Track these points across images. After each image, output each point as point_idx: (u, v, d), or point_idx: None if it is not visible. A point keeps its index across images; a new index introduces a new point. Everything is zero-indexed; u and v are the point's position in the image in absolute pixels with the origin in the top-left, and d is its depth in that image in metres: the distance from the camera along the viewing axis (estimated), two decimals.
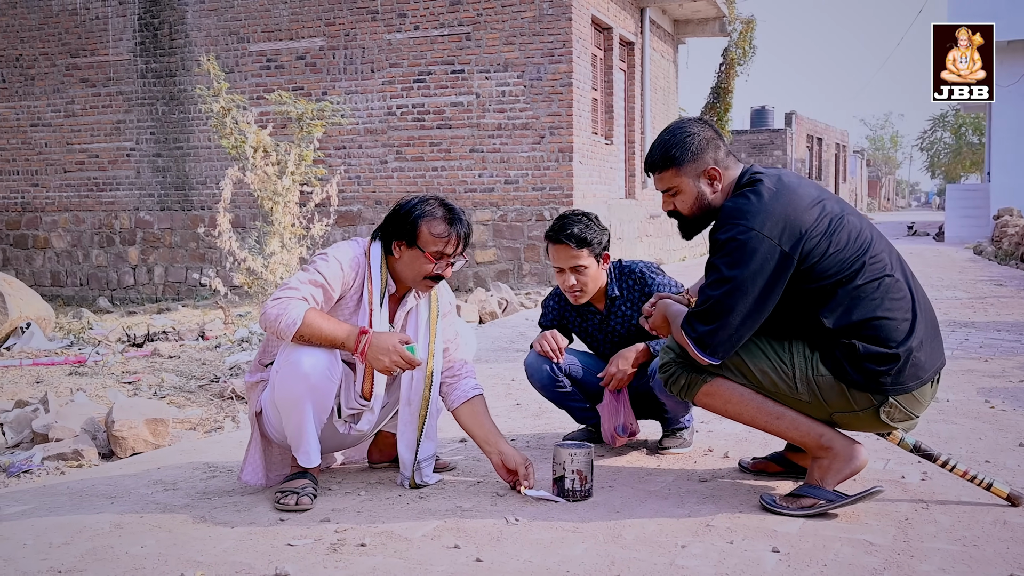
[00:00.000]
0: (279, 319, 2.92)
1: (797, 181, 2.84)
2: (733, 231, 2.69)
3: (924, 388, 2.75)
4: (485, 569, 2.44)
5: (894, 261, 2.80)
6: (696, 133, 2.88)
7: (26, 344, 8.28)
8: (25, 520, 2.99)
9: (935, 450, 2.92)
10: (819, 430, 2.81)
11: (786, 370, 2.78)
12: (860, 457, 2.80)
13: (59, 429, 4.95)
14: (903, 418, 2.77)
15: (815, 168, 36.51)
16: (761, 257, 2.65)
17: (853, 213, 2.85)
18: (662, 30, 17.61)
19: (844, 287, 2.70)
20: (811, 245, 2.69)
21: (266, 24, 13.90)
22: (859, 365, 2.69)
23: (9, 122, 15.49)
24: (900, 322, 2.70)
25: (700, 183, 2.87)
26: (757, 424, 2.87)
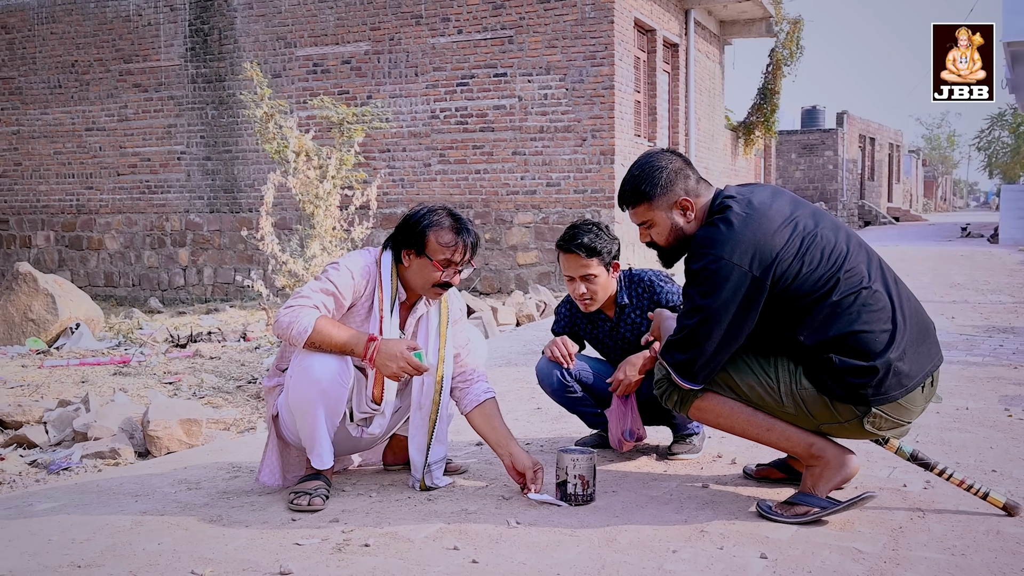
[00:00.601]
0: (291, 327, 3.04)
1: (770, 200, 2.87)
2: (704, 261, 2.76)
3: (912, 395, 2.77)
4: (479, 570, 2.53)
5: (873, 271, 2.83)
6: (664, 166, 2.94)
7: (75, 344, 8.53)
8: (54, 516, 3.14)
9: (932, 459, 2.95)
10: (809, 439, 2.87)
11: (772, 384, 2.84)
12: (851, 465, 2.85)
13: (98, 428, 5.14)
14: (891, 426, 2.81)
15: (867, 168, 36.08)
16: (732, 285, 2.72)
17: (829, 226, 2.88)
18: (707, 31, 17.57)
19: (819, 304, 2.75)
20: (783, 268, 2.74)
21: (313, 29, 14.12)
22: (839, 379, 2.73)
23: (65, 126, 15.90)
24: (878, 334, 2.73)
25: (673, 214, 2.94)
26: (749, 436, 2.93)
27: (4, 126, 16.39)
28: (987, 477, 3.32)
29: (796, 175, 32.51)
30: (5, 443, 5.29)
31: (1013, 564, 2.48)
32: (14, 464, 4.89)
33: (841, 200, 32.14)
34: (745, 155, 20.28)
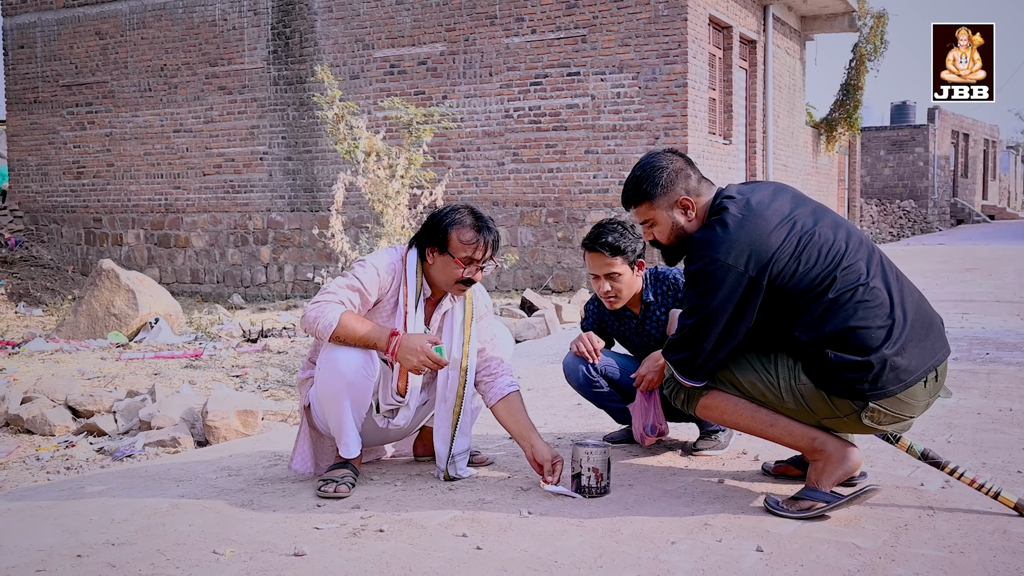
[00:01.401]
0: (317, 321, 3.18)
1: (769, 199, 2.91)
2: (701, 263, 2.82)
3: (912, 390, 2.79)
4: (481, 556, 2.63)
5: (873, 268, 2.85)
6: (665, 166, 3.00)
7: (154, 338, 8.87)
8: (99, 499, 3.34)
9: (943, 458, 2.96)
10: (811, 434, 2.91)
11: (772, 380, 2.89)
12: (853, 458, 2.88)
13: (161, 418, 5.38)
14: (891, 421, 2.83)
15: (960, 165, 35.12)
16: (729, 286, 2.77)
17: (829, 224, 2.90)
18: (787, 27, 17.36)
19: (816, 302, 2.78)
20: (779, 267, 2.78)
21: (390, 31, 14.38)
22: (835, 374, 2.77)
23: (154, 128, 16.47)
24: (875, 330, 2.75)
25: (674, 213, 3.00)
26: (753, 431, 2.98)
27: (98, 128, 17.04)
28: (1011, 478, 3.29)
29: (885, 172, 31.84)
30: (77, 431, 5.57)
31: (1010, 563, 2.48)
32: (83, 451, 5.16)
33: (932, 198, 31.38)
34: (827, 152, 19.96)
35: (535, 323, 8.44)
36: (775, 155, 16.37)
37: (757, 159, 15.74)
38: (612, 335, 3.93)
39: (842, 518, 2.86)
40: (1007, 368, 5.60)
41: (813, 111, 20.09)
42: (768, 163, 16.01)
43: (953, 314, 8.48)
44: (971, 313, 8.55)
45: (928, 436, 3.93)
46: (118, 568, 2.60)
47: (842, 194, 22.67)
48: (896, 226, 27.76)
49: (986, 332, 7.27)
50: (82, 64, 17.12)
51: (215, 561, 2.64)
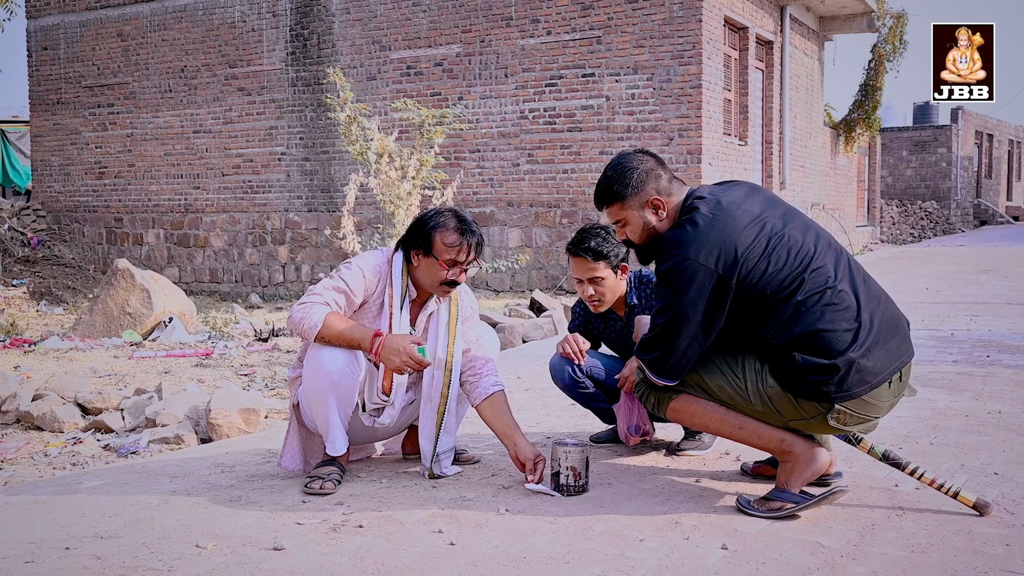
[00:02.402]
0: (303, 322, 3.27)
1: (740, 200, 2.95)
2: (671, 262, 2.86)
3: (878, 391, 2.84)
4: (453, 551, 2.70)
5: (840, 271, 2.89)
6: (635, 167, 3.04)
7: (168, 337, 9.00)
8: (93, 494, 3.43)
9: (904, 459, 3.00)
10: (779, 436, 2.96)
11: (739, 383, 2.93)
12: (821, 458, 2.93)
13: (166, 416, 5.48)
14: (856, 422, 2.88)
15: (984, 166, 34.83)
16: (698, 284, 2.81)
17: (798, 227, 2.95)
18: (805, 27, 17.32)
19: (785, 303, 2.82)
20: (748, 267, 2.82)
21: (406, 33, 14.48)
22: (801, 376, 2.81)
23: (174, 129, 16.66)
24: (842, 332, 2.80)
25: (645, 213, 3.05)
26: (723, 434, 3.04)
27: (119, 129, 17.25)
28: (987, 480, 3.33)
29: (907, 173, 31.66)
30: (85, 428, 5.69)
31: (969, 563, 2.53)
32: (89, 447, 5.27)
33: (955, 199, 31.16)
34: (846, 153, 19.90)
35: (543, 323, 8.51)
36: (792, 156, 16.35)
37: (773, 160, 15.73)
38: (598, 337, 3.99)
39: (812, 517, 2.91)
40: (1005, 371, 5.61)
41: (832, 112, 20.03)
42: (785, 164, 15.99)
43: (963, 316, 8.48)
44: (981, 315, 8.54)
45: (912, 438, 3.97)
46: (103, 560, 2.69)
47: (861, 195, 22.59)
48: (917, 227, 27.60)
49: (992, 334, 7.27)
50: (104, 65, 17.34)
51: (197, 554, 2.73)
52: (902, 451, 3.71)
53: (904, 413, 4.45)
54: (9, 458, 5.07)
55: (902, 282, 12.31)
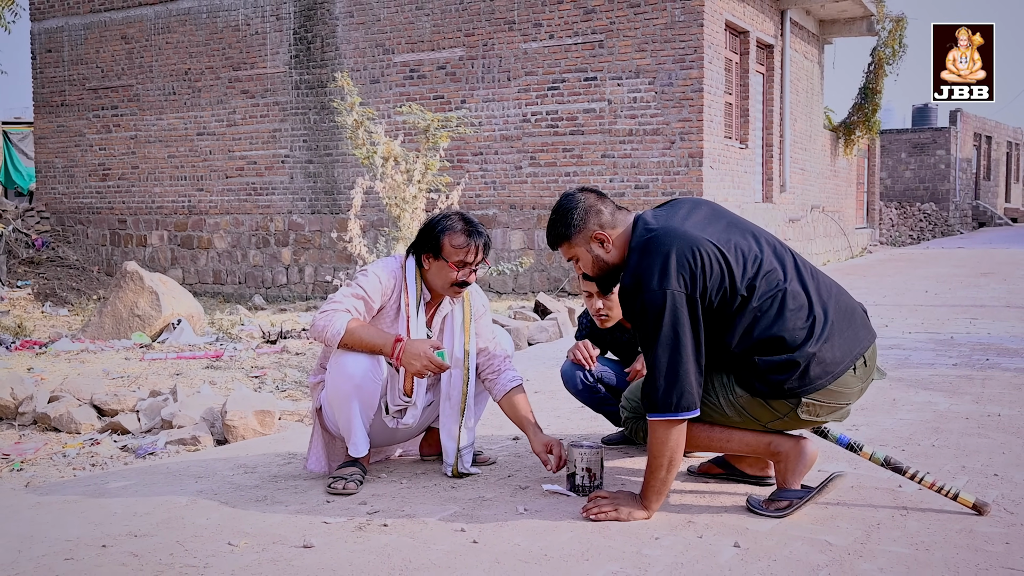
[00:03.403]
0: (326, 329, 3.38)
1: (685, 217, 3.06)
2: (639, 297, 2.93)
3: (843, 379, 2.97)
4: (476, 549, 2.82)
5: (788, 271, 3.02)
6: (575, 207, 3.16)
7: (176, 339, 9.10)
8: (122, 494, 3.55)
9: (904, 464, 3.12)
10: (765, 440, 3.11)
11: (712, 400, 3.06)
12: (809, 451, 3.08)
13: (182, 417, 5.59)
14: (828, 411, 3.01)
15: (983, 168, 35.00)
16: (672, 309, 2.88)
17: (743, 233, 3.07)
18: (805, 31, 17.45)
19: (742, 312, 2.94)
20: (705, 281, 2.91)
21: (410, 36, 14.59)
22: (763, 378, 2.95)
23: (178, 131, 16.77)
24: (798, 330, 2.93)
25: (592, 247, 3.17)
26: (713, 449, 3.19)
27: (123, 131, 17.36)
28: (988, 481, 3.44)
29: (906, 175, 31.81)
30: (101, 429, 5.79)
31: (971, 560, 2.64)
32: (107, 448, 5.37)
33: (954, 200, 31.32)
34: (846, 155, 20.03)
35: (548, 326, 8.62)
36: (792, 159, 16.48)
37: (774, 163, 15.86)
38: (606, 343, 4.10)
39: (819, 517, 3.03)
40: (1004, 374, 5.73)
41: (832, 114, 20.16)
42: (785, 167, 16.12)
43: (962, 319, 8.59)
44: (980, 319, 8.65)
45: (914, 440, 4.09)
46: (140, 557, 2.80)
47: (861, 197, 22.72)
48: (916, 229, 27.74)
49: (991, 338, 7.38)
50: (108, 68, 17.45)
51: (230, 552, 2.84)
52: (904, 453, 3.83)
53: (906, 416, 4.57)
54: (29, 459, 5.18)
55: (901, 285, 12.44)
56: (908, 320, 8.55)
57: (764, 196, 15.85)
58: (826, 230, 18.48)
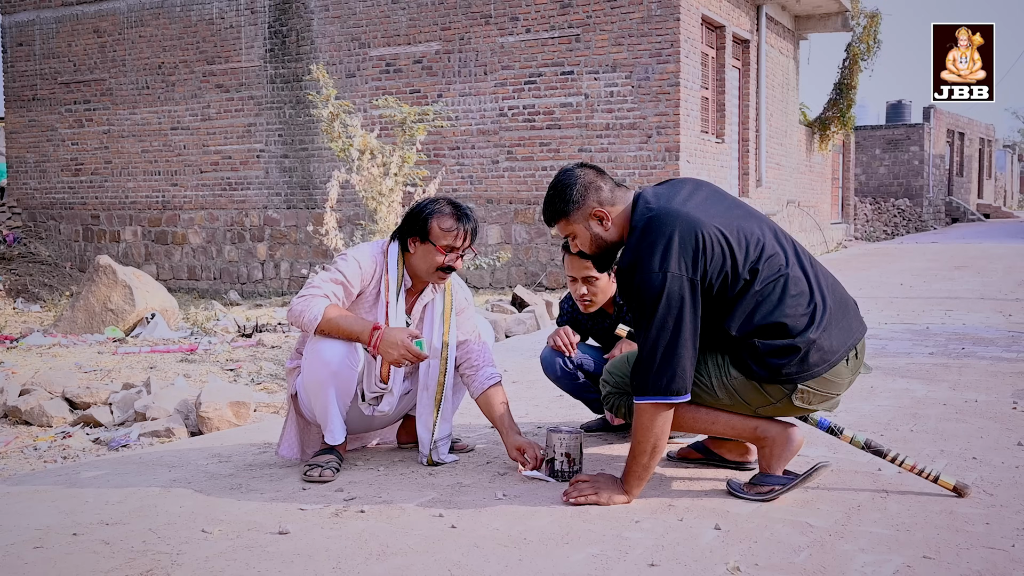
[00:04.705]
0: (303, 315, 3.33)
1: (687, 198, 3.00)
2: (637, 277, 2.86)
3: (837, 368, 2.94)
4: (455, 534, 2.78)
5: (790, 256, 2.98)
6: (573, 183, 3.07)
7: (151, 333, 9.02)
8: (94, 483, 3.49)
9: (885, 447, 3.11)
10: (752, 424, 3.06)
11: (704, 381, 3.00)
12: (796, 438, 3.05)
13: (155, 409, 5.53)
14: (820, 400, 2.98)
15: (956, 164, 35.27)
16: (670, 292, 2.83)
17: (745, 216, 3.02)
18: (781, 26, 17.50)
19: (744, 295, 2.90)
20: (706, 264, 2.86)
21: (386, 30, 14.52)
22: (762, 361, 2.90)
23: (152, 125, 16.62)
24: (799, 317, 2.89)
25: (591, 225, 3.09)
26: (697, 430, 3.13)
27: (95, 126, 17.19)
28: (966, 464, 3.44)
29: (880, 171, 32.00)
30: (73, 422, 5.72)
31: (951, 540, 2.63)
32: (79, 441, 5.30)
33: (927, 196, 31.54)
34: (821, 151, 20.11)
35: (525, 319, 8.60)
36: (768, 154, 16.53)
37: (750, 158, 15.90)
38: (586, 331, 4.07)
39: (800, 499, 3.01)
40: (980, 362, 5.75)
41: (807, 110, 20.23)
42: (761, 162, 16.16)
43: (937, 311, 8.63)
44: (955, 310, 8.70)
45: (893, 425, 4.09)
46: (112, 545, 2.75)
47: (836, 193, 22.83)
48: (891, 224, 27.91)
49: (966, 328, 7.41)
50: (80, 62, 17.27)
51: (204, 539, 2.79)
52: (883, 438, 3.82)
53: (884, 402, 4.58)
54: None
55: (877, 278, 12.50)
56: (884, 312, 8.58)
57: (740, 191, 15.88)
58: (801, 225, 18.55)
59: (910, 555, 2.52)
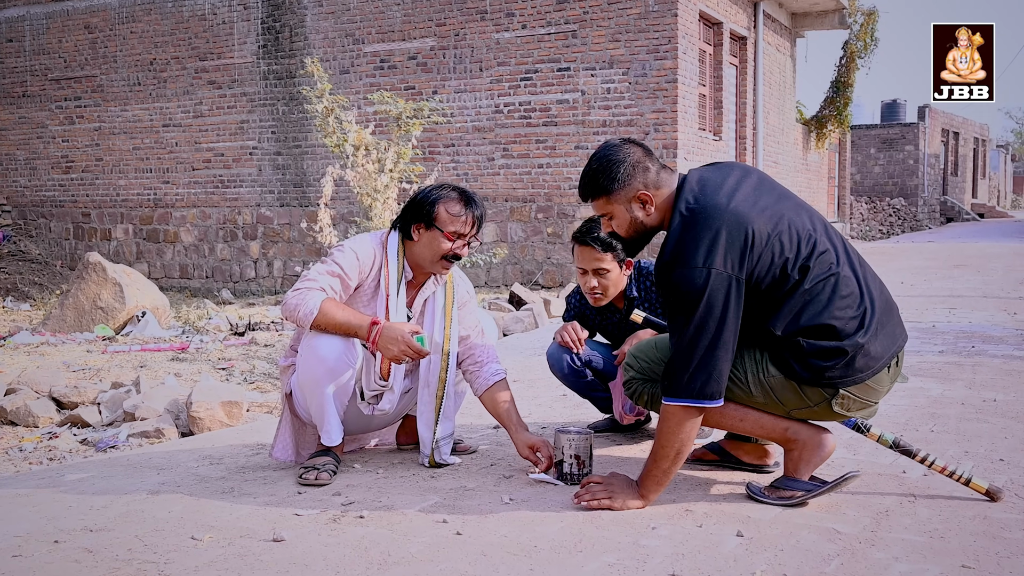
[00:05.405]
0: (297, 309, 3.16)
1: (734, 186, 2.80)
2: (679, 272, 2.68)
3: (879, 375, 2.77)
4: (461, 541, 2.62)
5: (840, 253, 2.80)
6: (622, 160, 2.85)
7: (141, 332, 8.84)
8: (79, 486, 3.32)
9: (914, 447, 2.95)
10: (783, 424, 2.86)
11: (739, 375, 2.81)
12: (828, 444, 2.86)
13: (145, 409, 5.35)
14: (859, 407, 2.80)
15: (950, 164, 35.18)
16: (713, 290, 2.65)
17: (794, 208, 2.83)
18: (778, 24, 17.37)
19: (792, 295, 2.71)
20: (754, 260, 2.69)
21: (380, 26, 14.35)
22: (805, 361, 2.72)
23: (143, 122, 16.41)
24: (849, 320, 2.71)
25: (632, 207, 2.87)
26: (723, 427, 2.95)
27: (86, 123, 16.98)
28: (994, 466, 3.29)
29: (875, 170, 31.90)
30: (60, 423, 5.54)
31: (990, 548, 2.48)
32: (66, 442, 5.13)
33: (922, 196, 31.43)
34: (817, 149, 19.98)
35: (523, 317, 8.44)
36: (765, 152, 16.39)
37: (747, 156, 15.75)
38: (594, 326, 3.91)
39: (823, 504, 2.86)
40: (992, 360, 5.61)
41: (803, 109, 20.11)
42: (758, 160, 16.02)
43: (940, 309, 8.50)
44: (958, 308, 8.57)
45: (912, 425, 3.94)
46: (95, 553, 2.58)
47: (832, 191, 22.70)
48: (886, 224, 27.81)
49: (972, 326, 7.28)
50: (71, 58, 17.06)
51: (193, 546, 2.63)
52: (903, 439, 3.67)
53: (900, 401, 4.43)
54: None
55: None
56: None
57: None
58: None
59: (948, 564, 2.37)
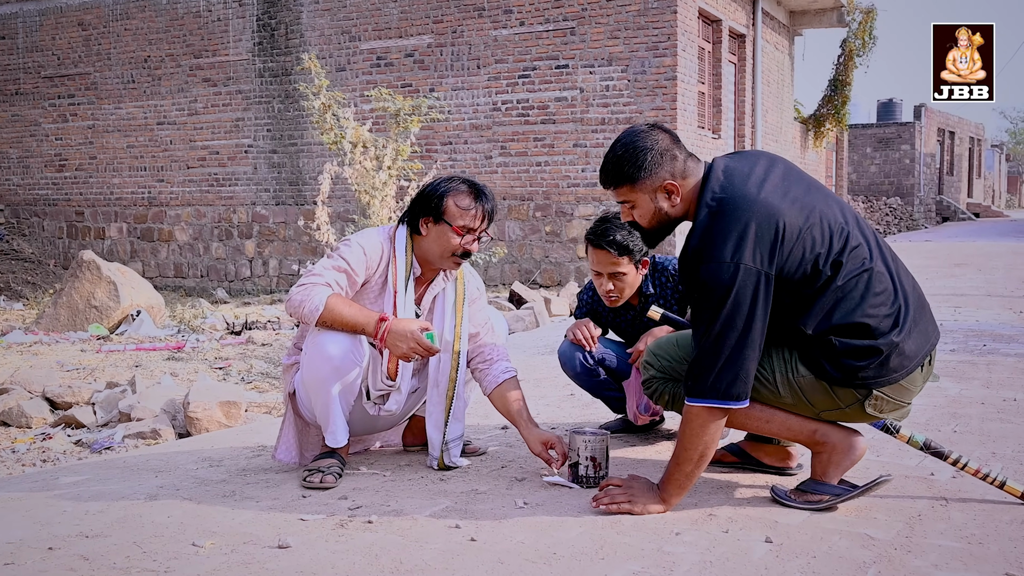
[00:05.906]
0: (303, 304, 3.03)
1: (762, 176, 2.67)
2: (706, 267, 2.56)
3: (913, 375, 2.65)
4: (475, 547, 2.50)
5: (872, 247, 2.67)
6: (649, 147, 2.71)
7: (136, 331, 8.71)
8: (74, 490, 3.19)
9: (946, 448, 2.83)
10: (811, 426, 2.74)
11: (767, 375, 2.69)
12: (859, 447, 2.73)
13: (141, 409, 5.23)
14: (892, 408, 2.68)
15: (946, 163, 35.14)
16: (741, 286, 2.53)
17: (824, 200, 2.70)
18: (776, 21, 17.28)
19: (824, 292, 2.59)
20: (785, 255, 2.56)
21: (377, 23, 14.22)
22: (837, 361, 2.60)
23: (137, 120, 16.26)
24: (884, 318, 2.59)
25: (657, 197, 2.74)
26: (748, 428, 2.82)
27: (80, 121, 16.82)
28: (1023, 468, 3.18)
29: (871, 169, 31.83)
30: (54, 423, 5.42)
31: None
32: (60, 443, 5.00)
33: (918, 195, 31.38)
34: (815, 148, 19.90)
35: (524, 316, 8.32)
36: (763, 150, 16.27)
37: None
38: (606, 324, 3.79)
39: (853, 508, 2.74)
40: (1006, 359, 5.51)
41: (801, 107, 20.02)
42: None
43: (945, 307, 8.40)
44: (963, 307, 8.48)
45: (933, 426, 3.83)
46: (91, 561, 2.46)
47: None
48: (883, 223, 27.74)
49: (980, 325, 7.18)
50: (64, 55, 16.90)
51: (194, 554, 2.50)
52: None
53: (918, 401, 4.31)
54: None
55: None
56: None
57: None
58: None
59: (990, 571, 2.25)
